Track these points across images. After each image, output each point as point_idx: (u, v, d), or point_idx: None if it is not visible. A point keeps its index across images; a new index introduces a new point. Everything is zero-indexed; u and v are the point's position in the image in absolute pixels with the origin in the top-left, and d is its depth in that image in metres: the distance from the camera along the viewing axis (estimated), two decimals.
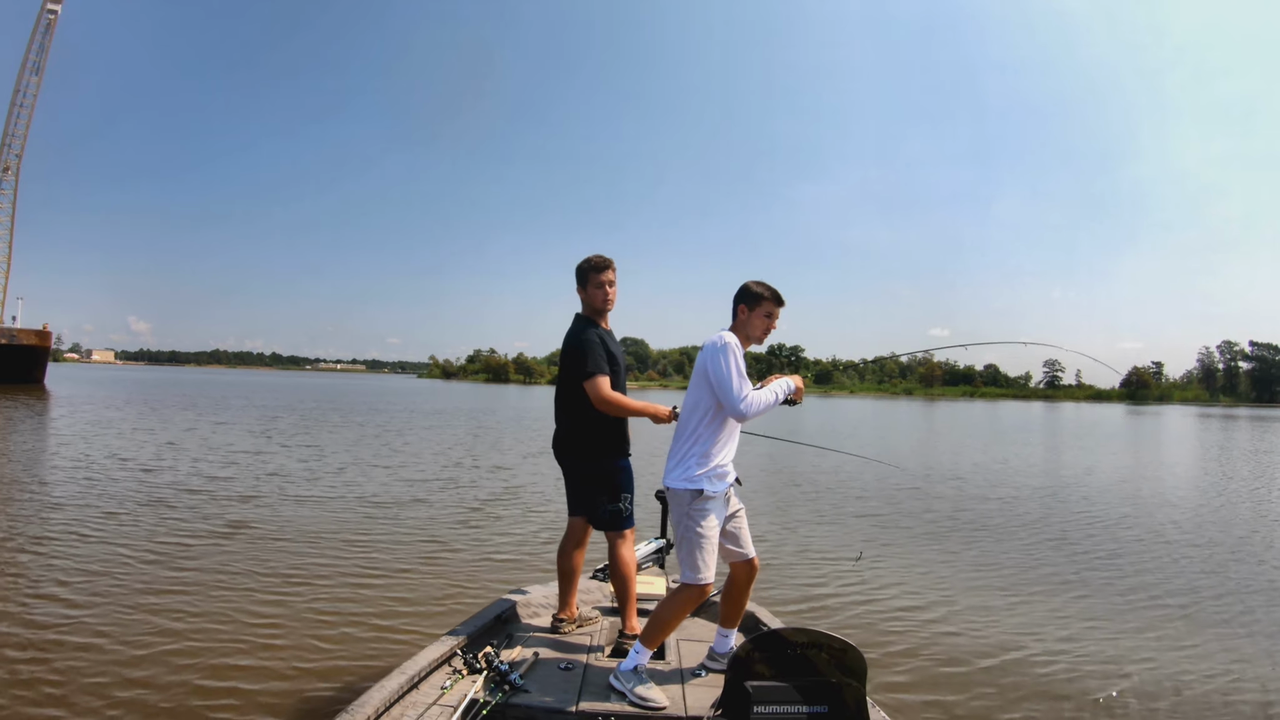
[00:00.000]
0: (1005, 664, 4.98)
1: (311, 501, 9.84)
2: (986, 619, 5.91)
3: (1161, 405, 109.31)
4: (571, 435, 3.84)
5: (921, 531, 9.41)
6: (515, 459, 15.81)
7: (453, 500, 10.36)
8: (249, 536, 7.77)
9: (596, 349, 3.69)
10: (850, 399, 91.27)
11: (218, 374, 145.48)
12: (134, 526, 7.98)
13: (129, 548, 7.09)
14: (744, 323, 3.37)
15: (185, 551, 7.05)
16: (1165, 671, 4.92)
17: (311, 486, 11.04)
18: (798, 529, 9.25)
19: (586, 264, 3.85)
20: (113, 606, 5.45)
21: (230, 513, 8.89)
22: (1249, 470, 18.61)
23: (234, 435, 18.55)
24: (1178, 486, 15.09)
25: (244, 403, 35.20)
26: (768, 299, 3.35)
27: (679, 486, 3.23)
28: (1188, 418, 57.09)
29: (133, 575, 6.24)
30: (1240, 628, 5.89)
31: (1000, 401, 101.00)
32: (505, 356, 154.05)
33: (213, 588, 5.98)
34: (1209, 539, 9.34)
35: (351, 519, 8.79)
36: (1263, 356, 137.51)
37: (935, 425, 38.92)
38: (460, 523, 8.86)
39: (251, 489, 10.60)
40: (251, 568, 6.58)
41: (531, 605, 4.17)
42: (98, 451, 14.25)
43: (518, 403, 50.46)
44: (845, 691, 2.70)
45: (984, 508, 11.30)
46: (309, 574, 6.48)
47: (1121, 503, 12.30)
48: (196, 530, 7.91)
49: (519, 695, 3.07)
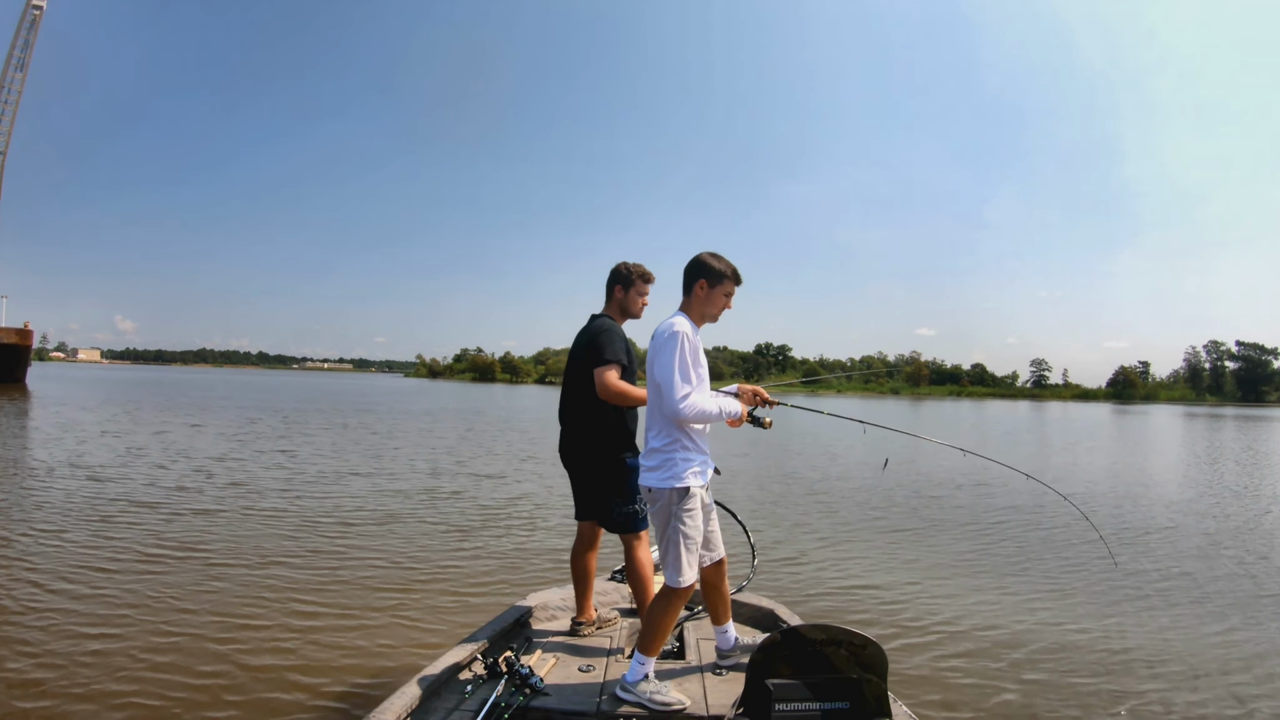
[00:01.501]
0: (1035, 660, 4.96)
1: (321, 510, 9.66)
2: (1024, 615, 5.89)
3: (1148, 405, 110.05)
4: (581, 434, 3.79)
5: (952, 526, 9.43)
6: (520, 462, 15.70)
7: (464, 506, 10.23)
8: (266, 540, 7.68)
9: (619, 341, 3.66)
10: (838, 398, 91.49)
11: (203, 373, 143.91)
12: (138, 521, 7.86)
13: (136, 537, 6.97)
14: (702, 300, 3.14)
15: (190, 547, 6.96)
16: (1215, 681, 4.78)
17: (318, 493, 10.86)
18: (807, 524, 9.26)
19: (636, 271, 3.83)
20: (141, 596, 5.36)
21: (232, 517, 8.80)
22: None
23: (204, 440, 17.88)
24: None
25: (226, 403, 34.85)
26: (729, 277, 3.14)
27: (662, 485, 3.08)
28: (1179, 417, 57.08)
29: (158, 570, 6.17)
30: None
31: (987, 401, 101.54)
32: (492, 356, 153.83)
33: (232, 593, 5.92)
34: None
35: (364, 527, 8.67)
36: (1249, 356, 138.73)
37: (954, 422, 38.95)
38: (474, 528, 8.76)
39: (256, 491, 10.50)
40: (269, 576, 6.48)
41: (550, 608, 4.14)
42: (59, 455, 13.49)
43: (507, 401, 50.25)
44: (866, 687, 2.70)
45: (993, 502, 11.26)
46: (325, 581, 6.40)
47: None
48: (196, 531, 7.81)
49: (540, 698, 3.05)
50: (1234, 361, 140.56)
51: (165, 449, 14.99)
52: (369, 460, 14.77)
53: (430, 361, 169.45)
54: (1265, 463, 20.57)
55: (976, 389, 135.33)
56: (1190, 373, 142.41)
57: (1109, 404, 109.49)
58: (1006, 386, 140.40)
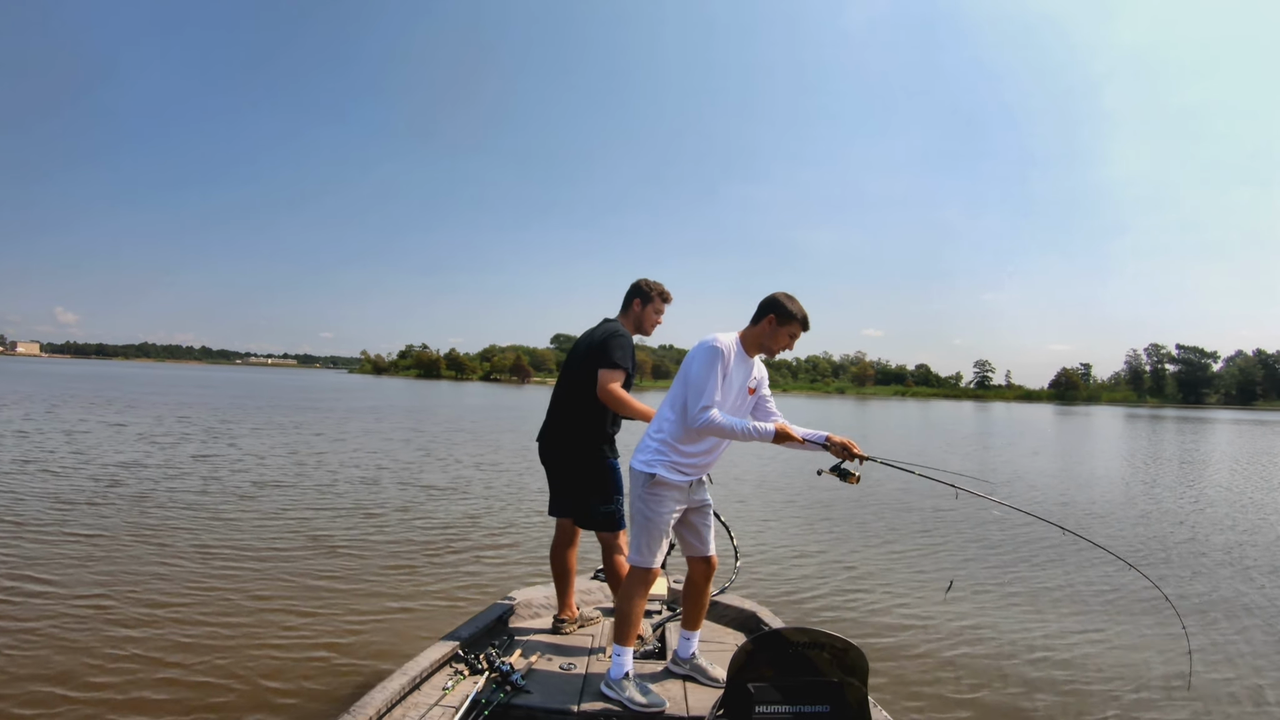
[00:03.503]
0: (1018, 667, 4.94)
1: (301, 504, 9.44)
2: (1009, 624, 5.82)
3: (1090, 406, 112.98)
4: (567, 428, 3.79)
5: (937, 534, 9.36)
6: (503, 457, 15.48)
7: (448, 503, 10.07)
8: (238, 538, 7.48)
9: (630, 350, 3.71)
10: (785, 397, 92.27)
11: (143, 368, 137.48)
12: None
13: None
14: (766, 334, 3.25)
15: (180, 544, 6.71)
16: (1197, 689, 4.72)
17: (291, 489, 10.55)
18: (792, 528, 9.28)
19: (656, 289, 3.90)
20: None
21: (212, 513, 8.51)
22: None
23: (120, 442, 17.18)
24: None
25: (160, 400, 33.62)
26: (798, 320, 3.24)
27: (637, 468, 3.22)
28: (1125, 419, 58.07)
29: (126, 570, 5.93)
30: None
31: (932, 401, 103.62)
32: (437, 352, 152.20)
33: (209, 589, 5.78)
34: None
35: (347, 522, 8.47)
36: (1188, 359, 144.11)
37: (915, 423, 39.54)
38: (458, 524, 8.63)
39: (230, 488, 10.14)
40: (246, 571, 6.34)
41: (533, 606, 4.14)
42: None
43: (455, 399, 49.55)
44: (847, 691, 2.70)
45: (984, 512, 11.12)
46: (307, 576, 6.28)
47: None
48: (183, 525, 7.52)
49: (520, 696, 3.05)
50: (1174, 364, 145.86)
51: (77, 451, 13.51)
52: (337, 460, 14.41)
53: (375, 357, 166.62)
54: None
55: (921, 389, 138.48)
56: (1131, 375, 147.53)
57: (1052, 405, 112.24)
58: (951, 387, 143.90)
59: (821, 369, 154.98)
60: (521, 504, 10.18)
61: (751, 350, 3.29)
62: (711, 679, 3.26)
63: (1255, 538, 9.71)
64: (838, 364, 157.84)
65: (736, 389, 3.23)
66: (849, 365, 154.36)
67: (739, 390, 3.24)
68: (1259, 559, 8.42)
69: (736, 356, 3.20)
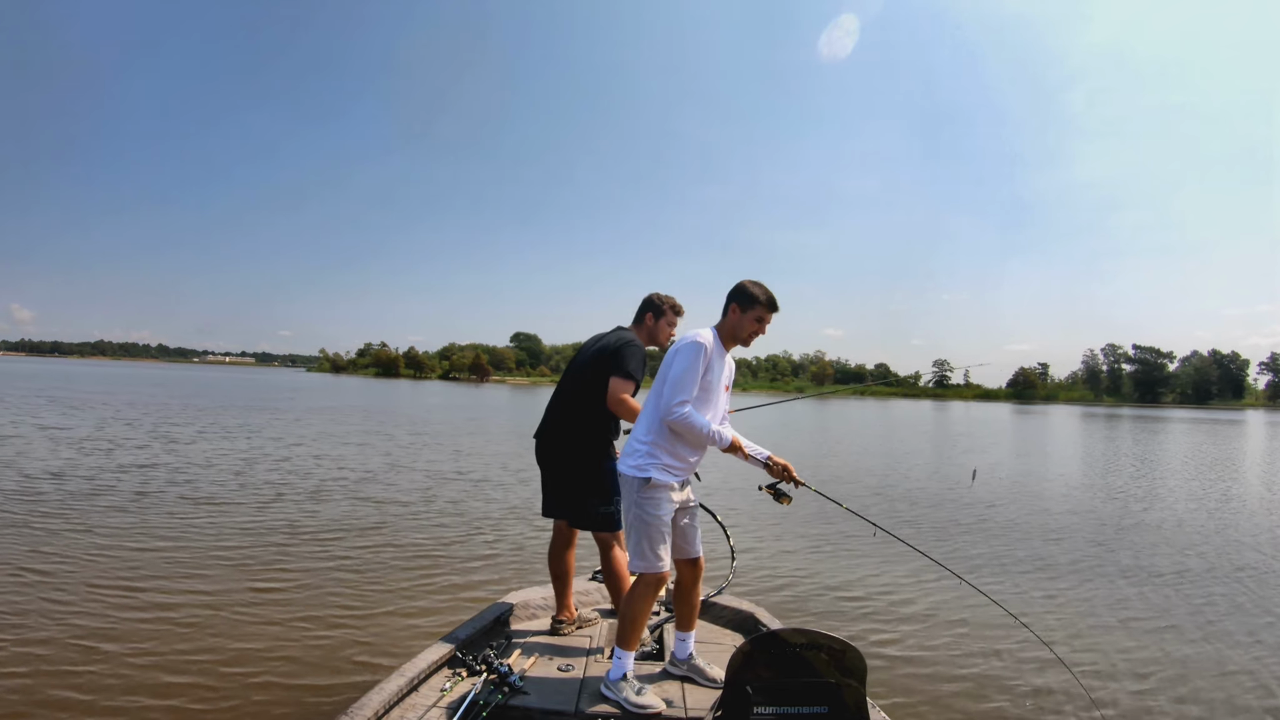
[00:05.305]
0: (1020, 669, 4.96)
1: (297, 506, 9.28)
2: (1001, 624, 5.75)
3: (1048, 405, 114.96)
4: (570, 430, 3.78)
5: (933, 534, 9.42)
6: (496, 459, 15.36)
7: (447, 503, 9.98)
8: (243, 538, 7.37)
9: (644, 362, 3.72)
10: (744, 395, 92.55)
11: (98, 366, 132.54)
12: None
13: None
14: (734, 323, 3.26)
15: (173, 546, 6.50)
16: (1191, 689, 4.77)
17: (284, 491, 10.36)
18: (788, 528, 9.29)
19: (668, 303, 3.93)
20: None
21: (211, 511, 8.40)
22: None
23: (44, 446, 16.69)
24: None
25: (109, 399, 32.63)
26: (762, 303, 3.24)
27: (628, 473, 3.19)
28: (1083, 418, 58.92)
29: None
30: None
31: (891, 400, 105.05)
32: (396, 351, 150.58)
33: (205, 592, 5.69)
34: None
35: (344, 524, 8.34)
36: (1145, 359, 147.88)
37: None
38: (455, 526, 8.56)
39: (209, 485, 9.86)
40: (247, 571, 6.27)
41: (530, 607, 4.12)
42: None
43: (414, 398, 48.87)
44: (845, 692, 2.72)
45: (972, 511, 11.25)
46: (304, 577, 6.21)
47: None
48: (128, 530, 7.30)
49: (518, 697, 3.04)
50: (1131, 364, 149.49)
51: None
52: (326, 460, 14.17)
53: (333, 356, 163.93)
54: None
55: (880, 388, 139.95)
56: (1088, 374, 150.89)
57: (1010, 404, 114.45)
58: (910, 386, 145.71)
59: (781, 368, 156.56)
60: (520, 505, 10.12)
61: (728, 344, 3.31)
62: (709, 680, 3.27)
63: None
64: (798, 363, 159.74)
65: (719, 385, 3.26)
66: (809, 364, 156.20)
67: (719, 387, 3.27)
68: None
69: (715, 352, 3.23)
